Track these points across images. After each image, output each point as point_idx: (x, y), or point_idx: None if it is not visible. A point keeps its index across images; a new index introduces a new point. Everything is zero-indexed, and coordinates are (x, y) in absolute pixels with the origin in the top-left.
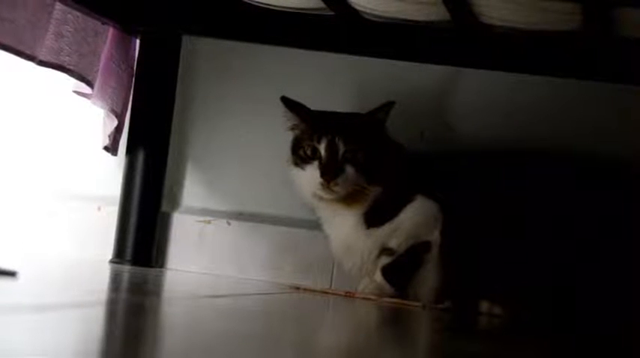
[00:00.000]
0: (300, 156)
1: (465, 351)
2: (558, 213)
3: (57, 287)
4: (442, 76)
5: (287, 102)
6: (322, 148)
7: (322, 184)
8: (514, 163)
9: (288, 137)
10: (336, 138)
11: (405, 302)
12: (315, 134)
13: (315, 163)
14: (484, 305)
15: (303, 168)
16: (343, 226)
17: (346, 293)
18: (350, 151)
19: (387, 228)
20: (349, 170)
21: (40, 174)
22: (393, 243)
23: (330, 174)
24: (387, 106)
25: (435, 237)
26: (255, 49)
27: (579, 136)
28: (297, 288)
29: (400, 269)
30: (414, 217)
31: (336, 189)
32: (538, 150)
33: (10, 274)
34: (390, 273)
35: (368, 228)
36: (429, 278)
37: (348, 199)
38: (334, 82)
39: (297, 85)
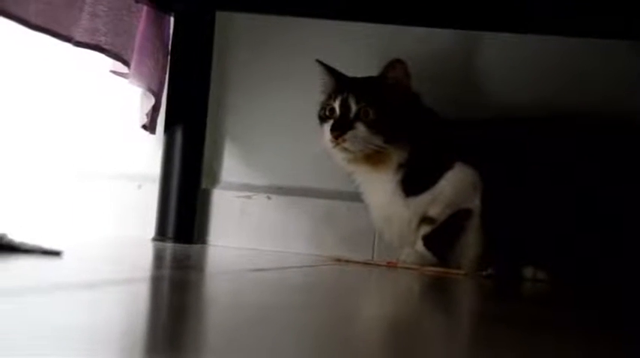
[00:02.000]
0: (321, 116)
1: (510, 316)
2: (600, 175)
3: (102, 265)
4: (476, 41)
5: (321, 64)
6: (336, 106)
7: (332, 141)
8: (551, 127)
9: None
10: (349, 97)
11: (448, 270)
12: (333, 94)
13: (331, 122)
14: (528, 271)
15: (322, 128)
16: (381, 195)
17: (388, 263)
18: (362, 109)
19: (426, 196)
20: (359, 127)
21: (80, 154)
22: (433, 212)
23: (338, 129)
24: (391, 65)
25: (475, 204)
26: (290, 21)
27: (617, 100)
28: (339, 260)
29: (441, 237)
30: (454, 185)
31: (345, 145)
32: (576, 113)
33: (55, 254)
34: (432, 242)
35: (407, 197)
36: (471, 245)
37: (370, 161)
38: (371, 51)
39: (334, 56)
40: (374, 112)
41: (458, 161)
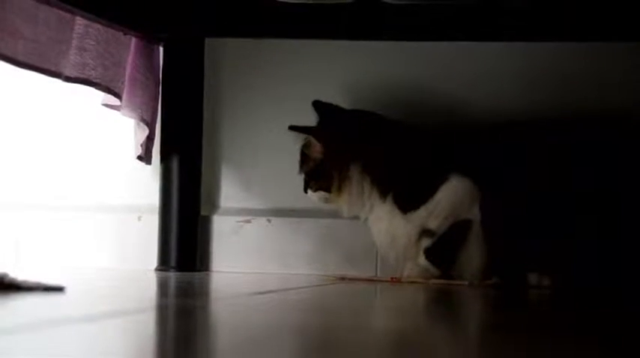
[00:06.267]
0: None
1: (518, 324)
2: (599, 177)
3: (106, 298)
4: (460, 51)
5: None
6: None
7: None
8: (546, 132)
9: None
10: None
11: (452, 281)
12: None
13: None
14: (532, 278)
15: None
16: (380, 219)
17: (392, 279)
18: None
19: (424, 210)
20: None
21: (79, 188)
22: (432, 225)
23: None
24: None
25: (475, 214)
26: (281, 44)
27: (608, 101)
28: (343, 278)
29: (443, 249)
30: (451, 196)
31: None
32: (570, 116)
33: (58, 289)
34: (433, 255)
35: (405, 214)
36: (473, 255)
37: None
38: (365, 75)
39: (326, 80)
40: (305, 173)
41: (453, 173)
